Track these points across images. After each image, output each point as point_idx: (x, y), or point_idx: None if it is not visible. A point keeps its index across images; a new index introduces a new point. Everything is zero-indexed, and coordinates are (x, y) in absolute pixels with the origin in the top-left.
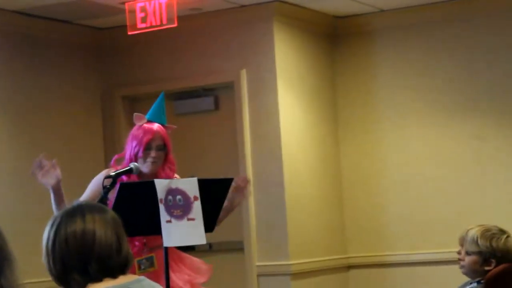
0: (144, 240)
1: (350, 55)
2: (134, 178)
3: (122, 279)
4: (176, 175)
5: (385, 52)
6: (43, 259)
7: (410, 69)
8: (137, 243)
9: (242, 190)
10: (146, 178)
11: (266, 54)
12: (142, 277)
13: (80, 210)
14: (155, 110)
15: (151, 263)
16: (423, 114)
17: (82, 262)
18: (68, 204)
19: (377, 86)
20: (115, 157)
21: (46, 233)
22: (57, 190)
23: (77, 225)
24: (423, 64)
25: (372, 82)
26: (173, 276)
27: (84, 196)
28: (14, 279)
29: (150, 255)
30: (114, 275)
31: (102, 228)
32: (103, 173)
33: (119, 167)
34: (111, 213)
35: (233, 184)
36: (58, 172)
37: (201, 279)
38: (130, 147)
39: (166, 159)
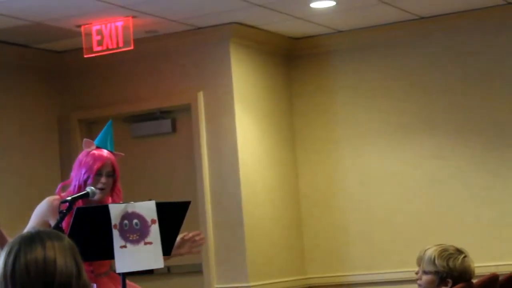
0: (91, 268)
1: (308, 76)
2: (80, 204)
3: None
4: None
5: (342, 72)
6: None
7: (367, 89)
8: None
9: (193, 243)
10: (93, 204)
11: (223, 76)
12: None
13: (39, 237)
14: (103, 136)
15: None
16: (381, 133)
17: None
18: (23, 232)
19: (335, 106)
20: (61, 184)
21: (3, 260)
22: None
23: (38, 253)
24: (380, 84)
25: (330, 102)
26: None
27: (30, 225)
28: None
29: (92, 283)
30: None
31: (62, 256)
32: (45, 201)
33: (63, 194)
34: (67, 240)
35: (186, 235)
36: (2, 233)
37: None
38: (78, 173)
39: (114, 186)
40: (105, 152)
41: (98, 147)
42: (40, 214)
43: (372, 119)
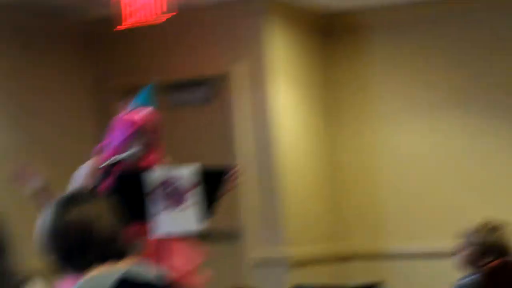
0: (136, 227)
1: (345, 50)
2: (124, 165)
3: (119, 265)
4: (165, 160)
5: (380, 47)
6: (39, 246)
7: (403, 65)
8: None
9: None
10: (134, 165)
11: (260, 46)
12: (138, 262)
13: (78, 198)
14: (144, 99)
15: (143, 250)
16: (417, 108)
17: (81, 249)
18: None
19: (371, 80)
20: (100, 145)
21: (43, 220)
22: (41, 194)
23: (76, 213)
24: (416, 59)
25: (366, 76)
26: (171, 259)
27: (70, 189)
28: (15, 260)
29: (138, 242)
30: (111, 262)
31: (101, 216)
32: (84, 165)
33: (101, 157)
34: (107, 201)
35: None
36: (39, 178)
37: (197, 261)
38: (116, 135)
39: (153, 147)
40: (144, 113)
41: (137, 110)
42: (81, 177)
43: (408, 94)
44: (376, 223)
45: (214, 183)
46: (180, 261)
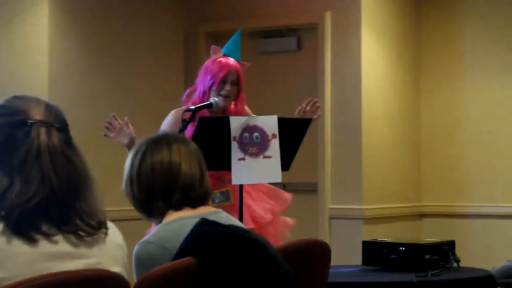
0: (218, 174)
1: (437, 3)
2: (205, 113)
3: (201, 210)
4: (247, 109)
5: (472, 2)
6: (124, 185)
7: (498, 19)
8: (210, 176)
9: (311, 114)
10: (217, 112)
11: None
12: (219, 209)
13: (166, 140)
14: (231, 46)
15: (227, 197)
16: (508, 66)
17: (167, 191)
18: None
19: (463, 35)
20: (187, 91)
21: (130, 160)
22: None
23: (164, 155)
24: (509, 20)
25: (458, 32)
26: (254, 205)
27: None
28: (96, 201)
29: (225, 189)
30: (194, 206)
31: (187, 159)
32: (171, 113)
33: (190, 103)
34: (193, 145)
35: (302, 109)
36: (131, 130)
37: (281, 207)
38: (203, 79)
39: (238, 94)
40: (231, 60)
41: (225, 55)
42: (166, 126)
43: (500, 51)
44: (455, 182)
45: (293, 134)
46: (263, 209)
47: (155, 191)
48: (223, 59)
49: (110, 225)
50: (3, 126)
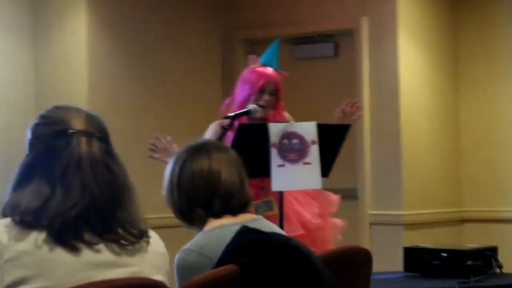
0: (261, 184)
1: (475, 6)
2: (243, 121)
3: (241, 217)
4: (286, 115)
5: (511, 5)
6: (165, 193)
7: None
8: (253, 189)
9: (351, 114)
10: (256, 122)
11: (388, 2)
12: (259, 216)
13: (206, 148)
14: (269, 55)
15: (270, 207)
16: None
17: (207, 198)
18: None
19: (502, 38)
20: (226, 101)
21: (171, 168)
22: None
23: (203, 163)
24: None
25: (497, 34)
26: (302, 211)
27: None
28: (137, 210)
29: (269, 198)
30: (234, 213)
31: (227, 167)
32: (211, 126)
33: (229, 112)
34: (233, 153)
35: (342, 111)
36: (175, 148)
37: (331, 210)
38: (242, 90)
39: (276, 104)
40: (269, 70)
41: (263, 65)
42: (208, 135)
43: None
44: (495, 186)
45: (332, 140)
46: (312, 214)
47: (195, 199)
48: (261, 69)
49: (152, 233)
50: (44, 136)
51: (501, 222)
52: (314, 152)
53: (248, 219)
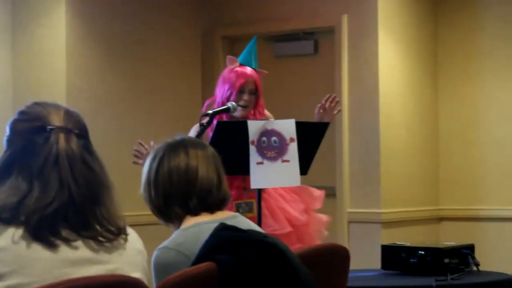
0: (244, 184)
1: (454, 4)
2: (224, 118)
3: (219, 215)
4: (267, 113)
5: (491, 3)
6: (142, 190)
7: None
8: (235, 190)
9: (330, 109)
10: (234, 118)
11: (368, 0)
12: (237, 214)
13: (183, 145)
14: (247, 53)
15: (250, 209)
16: None
17: (184, 196)
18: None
19: (481, 37)
20: (207, 102)
21: (148, 165)
22: None
23: (181, 160)
24: None
25: (476, 33)
26: (289, 208)
27: None
28: (115, 207)
29: (250, 200)
30: (212, 211)
31: (204, 164)
32: (193, 127)
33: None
34: (211, 150)
35: (321, 106)
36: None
37: (315, 206)
38: (222, 90)
39: (257, 103)
40: (248, 70)
41: (241, 64)
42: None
43: None
44: (473, 185)
45: (311, 138)
46: (299, 210)
47: (172, 196)
48: (239, 69)
49: (130, 231)
50: (23, 132)
51: (479, 220)
52: (293, 149)
53: (226, 216)
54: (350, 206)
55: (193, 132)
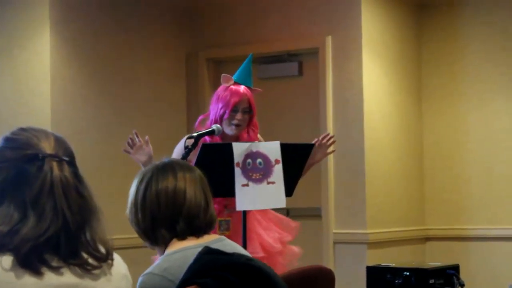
0: (225, 202)
1: (438, 26)
2: (216, 139)
3: (205, 238)
4: (259, 137)
5: (474, 23)
6: (129, 212)
7: (498, 42)
8: (216, 205)
9: (325, 147)
10: (229, 140)
11: (352, 22)
12: (223, 236)
13: (171, 167)
14: (243, 72)
15: (227, 227)
16: (510, 88)
17: (171, 219)
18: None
19: (464, 57)
20: (200, 117)
21: (135, 187)
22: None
23: (169, 182)
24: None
25: (459, 54)
26: (264, 234)
27: None
28: (102, 232)
29: (227, 218)
30: (198, 234)
31: (192, 187)
32: (182, 139)
33: (203, 129)
34: (199, 172)
35: (316, 141)
36: (150, 149)
37: (289, 237)
38: (215, 108)
39: (250, 122)
40: (242, 88)
41: (236, 83)
42: (177, 152)
43: (502, 73)
44: (458, 204)
45: (296, 160)
46: (273, 238)
47: (159, 220)
48: (233, 87)
49: (115, 256)
50: (13, 160)
51: (464, 240)
52: (278, 171)
53: (211, 239)
54: (335, 227)
55: (178, 149)
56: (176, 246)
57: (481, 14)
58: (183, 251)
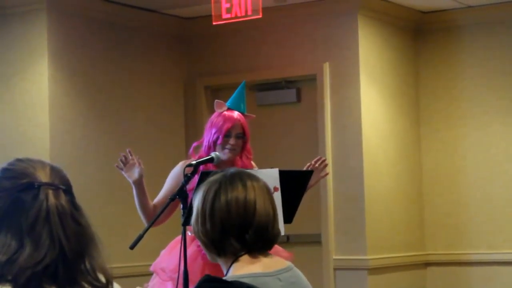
0: None
1: (435, 51)
2: (210, 167)
3: (275, 263)
4: (252, 163)
5: (471, 48)
6: (194, 222)
7: (496, 66)
8: None
9: (318, 170)
10: (224, 166)
11: (349, 48)
12: (291, 265)
13: (240, 176)
14: (236, 98)
15: None
16: (508, 112)
17: (241, 229)
18: (225, 170)
19: (462, 82)
20: (194, 144)
21: (201, 197)
22: (139, 185)
23: (239, 192)
24: (509, 61)
25: (457, 79)
26: None
27: (164, 188)
28: (102, 261)
29: None
30: (268, 247)
31: (261, 197)
32: (181, 164)
33: (197, 156)
34: (264, 182)
35: (309, 166)
36: (141, 168)
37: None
38: (209, 133)
39: (244, 147)
40: (235, 114)
41: (229, 109)
42: (174, 177)
43: (499, 97)
44: (458, 229)
45: (295, 187)
46: None
47: (229, 229)
48: (227, 113)
49: (115, 285)
50: (10, 189)
51: (465, 264)
52: (276, 199)
53: (280, 268)
54: (335, 253)
55: (174, 174)
56: (246, 268)
57: (478, 38)
58: (253, 277)
